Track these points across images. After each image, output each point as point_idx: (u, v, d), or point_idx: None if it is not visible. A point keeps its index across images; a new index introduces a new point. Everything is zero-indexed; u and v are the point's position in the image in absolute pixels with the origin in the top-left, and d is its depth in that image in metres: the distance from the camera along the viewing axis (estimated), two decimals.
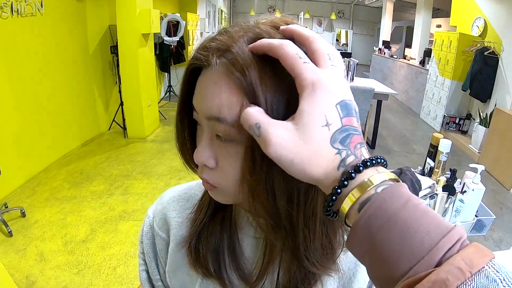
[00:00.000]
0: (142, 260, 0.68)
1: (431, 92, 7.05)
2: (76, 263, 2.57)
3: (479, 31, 5.84)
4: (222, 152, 0.43)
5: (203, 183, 0.48)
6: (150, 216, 0.67)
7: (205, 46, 0.42)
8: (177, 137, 0.53)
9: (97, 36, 4.85)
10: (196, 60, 0.43)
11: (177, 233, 0.62)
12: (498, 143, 4.61)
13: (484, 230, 1.73)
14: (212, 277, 0.57)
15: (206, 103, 0.42)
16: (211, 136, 0.44)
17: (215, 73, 0.40)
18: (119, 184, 3.72)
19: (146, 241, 0.66)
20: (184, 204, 0.65)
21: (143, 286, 0.68)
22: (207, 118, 0.42)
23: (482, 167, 1.58)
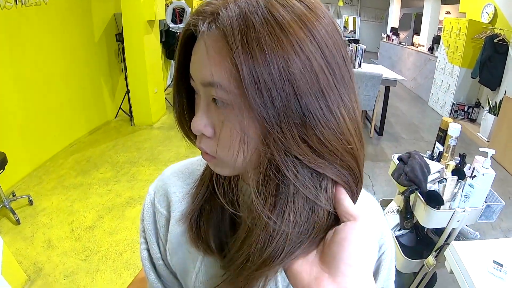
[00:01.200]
0: (143, 238, 0.67)
1: (439, 79, 6.95)
2: (83, 249, 2.59)
3: (489, 17, 5.73)
4: (219, 119, 0.42)
5: (202, 155, 0.48)
6: (151, 193, 0.66)
7: (199, 10, 0.41)
8: (175, 108, 0.53)
9: (102, 24, 4.83)
10: (193, 26, 0.41)
11: (178, 208, 0.61)
12: (507, 131, 4.54)
13: (493, 217, 1.70)
14: (214, 254, 0.55)
15: (200, 69, 0.41)
16: (208, 103, 0.43)
17: (208, 38, 0.39)
18: (125, 171, 3.73)
19: (147, 218, 0.65)
20: (186, 179, 0.64)
21: (144, 265, 0.67)
22: (202, 84, 0.42)
23: (493, 151, 1.55)
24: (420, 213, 1.63)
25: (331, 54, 0.39)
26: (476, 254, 1.34)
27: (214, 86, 0.39)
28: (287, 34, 0.36)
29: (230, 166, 0.45)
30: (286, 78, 0.36)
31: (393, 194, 2.10)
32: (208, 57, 0.39)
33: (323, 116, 0.39)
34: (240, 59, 0.36)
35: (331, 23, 0.41)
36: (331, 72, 0.39)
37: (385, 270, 0.59)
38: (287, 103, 0.37)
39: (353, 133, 0.42)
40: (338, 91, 0.40)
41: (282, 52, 0.36)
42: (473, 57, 5.82)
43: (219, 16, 0.38)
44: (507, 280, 1.25)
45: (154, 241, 0.65)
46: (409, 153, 1.74)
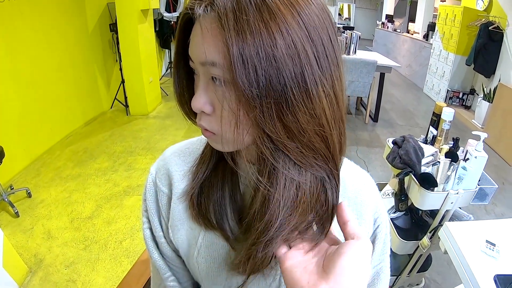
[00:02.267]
0: (145, 218, 0.69)
1: (434, 66, 6.97)
2: (83, 239, 2.61)
3: (484, 5, 5.73)
4: (218, 97, 0.44)
5: (202, 132, 0.50)
6: (153, 173, 0.68)
7: None
8: (175, 89, 0.54)
9: (95, 15, 4.78)
10: (191, 10, 0.43)
11: (179, 186, 0.63)
12: (501, 118, 4.58)
13: (487, 200, 1.74)
14: (215, 229, 0.57)
15: (198, 49, 0.43)
16: (207, 82, 0.45)
17: (205, 20, 0.42)
18: (123, 161, 3.75)
19: (149, 197, 0.67)
20: (186, 158, 0.66)
21: (147, 244, 0.69)
22: (201, 63, 0.44)
23: (485, 135, 1.58)
24: (414, 195, 1.66)
25: (318, 39, 0.41)
26: (469, 234, 1.38)
27: (213, 65, 0.42)
28: (275, 17, 0.38)
29: (229, 142, 0.48)
30: (270, 59, 0.38)
31: (388, 179, 2.13)
32: (204, 38, 0.42)
33: (300, 98, 0.41)
34: (232, 39, 0.38)
35: (321, 8, 0.43)
36: (316, 56, 0.41)
37: (380, 244, 0.62)
38: (269, 82, 0.39)
39: (329, 118, 0.44)
40: (320, 77, 0.42)
41: (268, 35, 0.38)
42: (468, 44, 5.84)
43: (215, 0, 0.40)
44: (499, 259, 1.28)
45: (156, 219, 0.67)
46: (403, 137, 1.77)
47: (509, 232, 1.43)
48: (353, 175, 0.64)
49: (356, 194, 0.61)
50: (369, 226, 0.61)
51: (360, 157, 4.14)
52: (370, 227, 0.61)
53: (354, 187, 0.62)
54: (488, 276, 1.19)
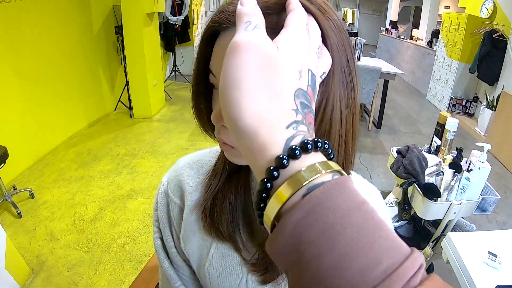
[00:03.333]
0: (156, 227, 0.70)
1: (438, 73, 6.98)
2: (85, 241, 2.62)
3: (488, 13, 5.75)
4: None
5: (221, 145, 0.50)
6: (165, 184, 0.69)
7: (223, 9, 0.44)
8: (193, 101, 0.55)
9: (101, 17, 4.82)
10: (215, 23, 0.44)
11: (192, 198, 0.64)
12: (504, 126, 4.58)
13: (489, 210, 1.74)
14: (226, 240, 0.59)
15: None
16: None
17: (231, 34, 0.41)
18: (126, 163, 3.76)
19: (161, 208, 0.68)
20: (199, 170, 0.66)
21: (158, 253, 0.70)
22: None
23: (489, 146, 1.58)
24: (417, 205, 1.67)
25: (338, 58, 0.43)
26: (471, 245, 1.39)
27: None
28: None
29: None
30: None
31: (391, 187, 2.14)
32: None
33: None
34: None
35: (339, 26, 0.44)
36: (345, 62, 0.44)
37: None
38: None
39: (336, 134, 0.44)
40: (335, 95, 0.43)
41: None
42: (472, 52, 5.85)
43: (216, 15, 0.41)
44: (501, 270, 1.29)
45: (167, 229, 0.68)
46: (408, 147, 1.78)
47: (510, 243, 1.44)
48: (361, 189, 0.64)
49: None
50: None
51: (363, 164, 4.14)
52: None
53: None
54: (490, 286, 1.20)
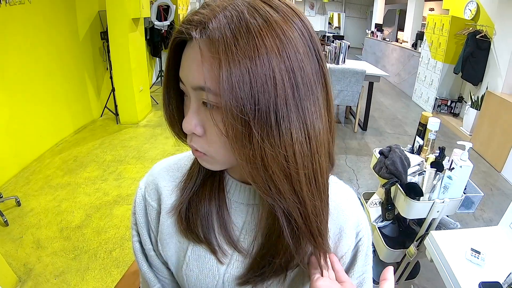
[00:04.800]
0: (135, 231, 0.70)
1: (423, 74, 7.07)
2: (72, 248, 2.59)
3: (472, 14, 5.85)
4: (209, 120, 0.45)
5: (193, 152, 0.51)
6: (142, 188, 0.69)
7: (188, 19, 0.44)
8: (165, 109, 0.56)
9: (87, 22, 4.79)
10: (180, 34, 0.45)
11: (168, 201, 0.64)
12: (489, 125, 4.66)
13: (473, 208, 1.77)
14: (202, 243, 0.60)
15: (191, 74, 0.44)
16: (198, 105, 0.47)
17: (196, 46, 0.42)
18: (112, 170, 3.73)
19: (138, 211, 0.68)
20: (174, 174, 0.67)
21: (136, 257, 0.70)
22: (193, 88, 0.45)
23: (470, 144, 1.61)
24: (400, 205, 1.69)
25: (299, 68, 0.42)
26: (454, 243, 1.41)
27: (205, 90, 0.43)
28: (258, 44, 0.40)
29: (218, 162, 0.50)
30: (251, 85, 0.40)
31: (376, 187, 2.16)
32: (197, 63, 0.43)
33: (269, 126, 0.41)
34: (222, 66, 0.39)
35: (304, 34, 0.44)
36: (294, 85, 0.42)
37: (362, 256, 0.64)
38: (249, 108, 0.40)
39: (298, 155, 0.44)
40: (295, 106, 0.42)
41: (249, 63, 0.39)
42: (456, 53, 5.95)
43: (208, 26, 0.41)
44: (484, 266, 1.31)
45: (145, 232, 0.68)
46: (390, 147, 1.80)
47: (494, 240, 1.46)
48: (335, 190, 0.65)
49: (338, 209, 0.63)
50: (351, 239, 0.63)
51: (349, 165, 4.18)
52: (352, 241, 0.63)
53: (336, 202, 0.64)
54: (473, 283, 1.22)
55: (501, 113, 4.41)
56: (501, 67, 4.91)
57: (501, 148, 4.33)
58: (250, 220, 0.60)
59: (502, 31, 5.00)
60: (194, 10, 0.45)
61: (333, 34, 13.56)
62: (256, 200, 0.60)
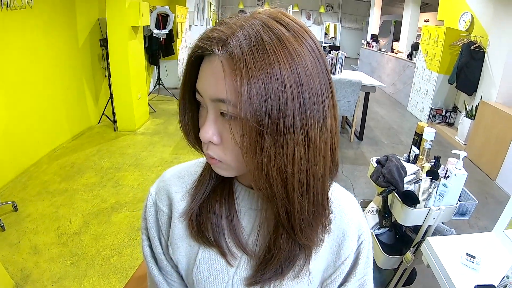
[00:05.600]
0: (145, 236, 0.73)
1: (418, 85, 7.16)
2: (70, 255, 2.59)
3: (466, 25, 5.95)
4: (226, 129, 0.49)
5: (208, 159, 0.54)
6: (153, 193, 0.72)
7: (207, 36, 0.48)
8: (181, 119, 0.59)
9: (86, 29, 4.83)
10: (200, 49, 0.48)
11: (179, 206, 0.67)
12: (483, 134, 4.73)
13: (468, 215, 1.80)
14: (213, 246, 0.63)
15: (211, 87, 0.48)
16: (216, 115, 0.50)
17: (218, 61, 0.46)
18: (110, 177, 3.74)
19: (149, 216, 0.71)
20: (185, 180, 0.70)
21: (147, 261, 0.73)
22: (212, 100, 0.48)
23: (464, 153, 1.65)
24: (397, 212, 1.72)
25: (308, 83, 0.46)
26: (450, 248, 1.44)
27: (225, 102, 0.46)
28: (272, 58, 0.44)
29: (233, 169, 0.54)
30: (267, 97, 0.44)
31: (373, 196, 2.19)
32: (216, 77, 0.46)
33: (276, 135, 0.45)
34: (242, 79, 0.43)
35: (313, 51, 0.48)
36: (301, 100, 0.46)
37: (363, 258, 0.67)
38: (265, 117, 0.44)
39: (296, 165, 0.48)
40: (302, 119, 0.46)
41: (265, 78, 0.43)
42: (451, 63, 6.04)
43: (229, 43, 0.45)
44: (479, 270, 1.35)
45: (156, 237, 0.71)
46: (387, 156, 1.84)
47: (488, 245, 1.50)
48: (339, 196, 0.69)
49: (341, 214, 0.66)
50: (353, 242, 0.66)
51: (346, 174, 4.21)
52: (354, 243, 0.66)
53: (340, 208, 0.67)
54: (469, 286, 1.25)
55: (495, 123, 4.48)
56: (495, 77, 5.00)
57: (495, 157, 4.38)
58: (258, 224, 0.63)
59: (496, 42, 5.09)
60: (212, 27, 0.49)
61: (329, 44, 13.70)
62: (264, 205, 0.63)
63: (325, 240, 0.63)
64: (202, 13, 10.89)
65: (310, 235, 0.58)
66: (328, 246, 0.65)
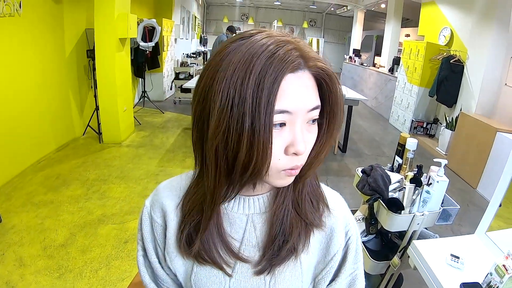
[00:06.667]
0: (140, 246, 0.76)
1: (399, 98, 7.33)
2: (56, 267, 2.56)
3: (446, 40, 6.17)
4: (312, 134, 0.57)
5: (291, 173, 0.57)
6: (148, 206, 0.75)
7: (293, 54, 0.51)
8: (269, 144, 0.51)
9: (73, 39, 4.83)
10: (291, 66, 0.50)
11: (172, 217, 0.70)
12: (463, 145, 4.88)
13: (450, 220, 1.88)
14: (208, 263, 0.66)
15: (309, 98, 0.53)
16: (304, 125, 0.55)
17: (307, 73, 0.53)
18: (96, 189, 3.72)
19: (145, 227, 0.74)
20: (177, 193, 0.73)
21: (139, 269, 0.76)
22: (309, 110, 0.54)
23: (445, 161, 1.73)
24: (383, 219, 1.77)
25: None
26: (435, 250, 1.51)
27: (316, 108, 0.54)
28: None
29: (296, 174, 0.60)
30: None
31: (357, 205, 2.25)
32: (311, 88, 0.54)
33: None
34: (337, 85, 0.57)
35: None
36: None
37: (352, 253, 0.72)
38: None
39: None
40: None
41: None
42: (431, 77, 6.22)
43: (318, 62, 0.54)
44: (464, 269, 1.42)
45: (151, 247, 0.74)
46: (372, 166, 1.91)
47: (470, 246, 1.59)
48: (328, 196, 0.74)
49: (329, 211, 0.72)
50: (341, 238, 0.71)
51: (331, 186, 4.16)
52: (342, 239, 0.71)
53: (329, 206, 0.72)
54: (455, 285, 1.32)
55: (475, 133, 4.64)
56: (474, 89, 5.18)
57: (476, 166, 4.53)
58: (249, 228, 0.67)
59: (474, 56, 5.29)
60: (291, 47, 0.51)
61: None
62: (255, 209, 0.67)
63: (316, 236, 0.68)
64: (187, 26, 10.98)
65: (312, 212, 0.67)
66: (318, 242, 0.69)
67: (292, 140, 0.53)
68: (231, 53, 0.50)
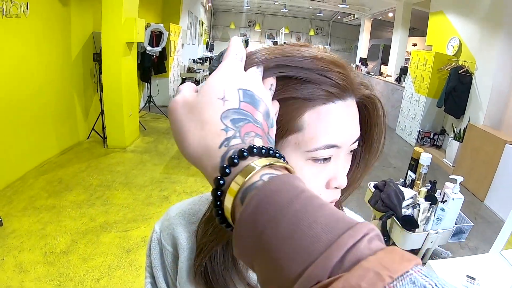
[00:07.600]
0: (148, 273, 0.71)
1: (406, 108, 7.27)
2: (57, 275, 2.51)
3: (454, 50, 6.10)
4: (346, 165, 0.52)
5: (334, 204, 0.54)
6: (157, 231, 0.70)
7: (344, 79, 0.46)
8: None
9: (80, 42, 4.82)
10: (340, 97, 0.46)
11: (186, 246, 0.64)
12: (471, 156, 4.81)
13: (463, 237, 1.82)
14: None
15: (355, 129, 0.49)
16: (346, 158, 0.51)
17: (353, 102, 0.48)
18: (99, 195, 3.67)
19: (154, 254, 0.69)
20: (190, 219, 0.67)
21: None
22: (354, 142, 0.49)
23: (461, 178, 1.67)
24: (396, 236, 1.72)
25: None
26: (450, 271, 1.45)
27: (359, 139, 0.50)
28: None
29: None
30: None
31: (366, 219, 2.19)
32: (355, 118, 0.49)
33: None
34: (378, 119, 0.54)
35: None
36: None
37: None
38: None
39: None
40: None
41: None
42: (439, 87, 6.16)
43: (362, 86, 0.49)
44: None
45: (161, 275, 0.69)
46: (385, 181, 1.85)
47: (486, 266, 1.53)
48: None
49: None
50: None
51: None
52: None
53: None
54: None
55: (483, 145, 4.57)
56: (482, 101, 5.12)
57: (484, 178, 4.45)
58: None
59: (483, 66, 5.24)
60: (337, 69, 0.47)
61: None
62: None
63: None
64: (194, 32, 10.99)
65: None
66: None
67: (335, 173, 0.49)
68: None
